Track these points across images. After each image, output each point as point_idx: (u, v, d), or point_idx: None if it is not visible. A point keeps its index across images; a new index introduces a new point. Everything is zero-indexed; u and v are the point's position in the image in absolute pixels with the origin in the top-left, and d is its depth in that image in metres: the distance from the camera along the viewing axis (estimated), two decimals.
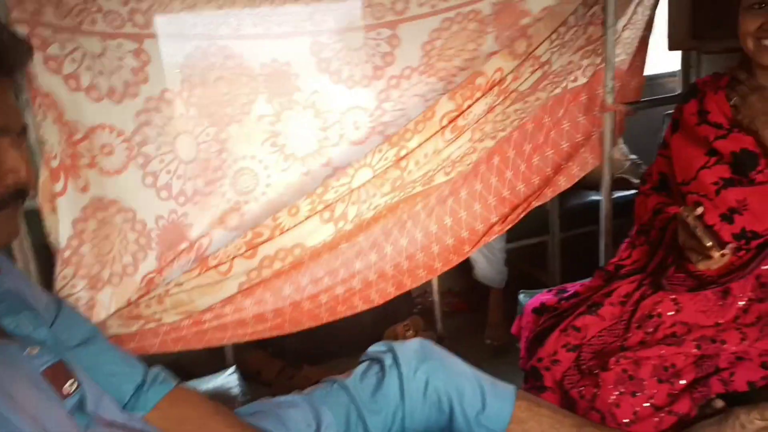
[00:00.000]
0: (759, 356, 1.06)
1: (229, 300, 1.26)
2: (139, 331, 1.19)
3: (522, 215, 1.74)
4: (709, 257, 1.01)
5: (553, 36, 1.57)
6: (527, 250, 2.19)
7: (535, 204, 1.74)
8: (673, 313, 1.11)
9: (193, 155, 1.21)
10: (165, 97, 1.16)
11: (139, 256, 1.18)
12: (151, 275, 1.19)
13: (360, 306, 1.46)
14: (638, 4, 1.63)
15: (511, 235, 1.98)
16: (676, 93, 1.94)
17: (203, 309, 1.23)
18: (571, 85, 1.66)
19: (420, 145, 1.42)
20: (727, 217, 1.11)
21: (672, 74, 2.32)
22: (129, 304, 1.17)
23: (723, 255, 1.02)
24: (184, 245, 1.21)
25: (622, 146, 2.08)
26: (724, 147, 1.12)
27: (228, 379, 1.32)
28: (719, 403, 1.03)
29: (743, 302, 1.10)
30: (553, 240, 2.14)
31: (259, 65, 1.26)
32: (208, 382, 1.32)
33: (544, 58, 1.58)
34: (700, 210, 1.05)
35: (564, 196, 1.91)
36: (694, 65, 1.69)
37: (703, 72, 1.65)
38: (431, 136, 1.43)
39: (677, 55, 1.85)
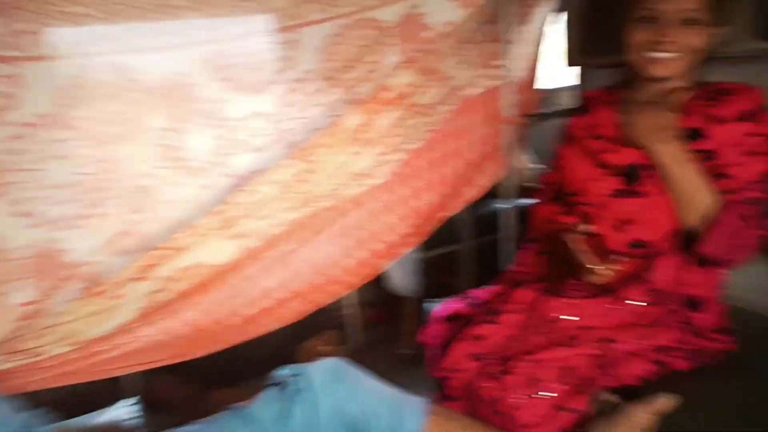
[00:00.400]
0: (650, 352, 1.12)
1: (125, 327, 1.18)
2: (19, 367, 1.09)
3: (435, 226, 1.78)
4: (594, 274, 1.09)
5: (458, 52, 1.62)
6: (443, 258, 2.23)
7: (447, 214, 1.79)
8: (571, 317, 1.15)
9: (71, 179, 1.13)
10: (39, 122, 1.09)
11: (8, 287, 1.09)
12: (30, 306, 1.10)
13: (273, 325, 1.43)
14: (532, 22, 1.71)
15: (424, 244, 2.01)
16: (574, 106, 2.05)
17: (96, 338, 1.15)
18: (475, 97, 1.71)
19: (327, 158, 1.42)
20: (619, 228, 1.15)
21: (575, 87, 2.45)
22: (6, 338, 1.08)
23: (610, 269, 1.09)
24: (65, 272, 1.13)
25: (526, 156, 2.17)
26: (614, 160, 1.17)
27: (128, 410, 1.25)
28: (614, 399, 1.08)
29: (638, 306, 1.15)
30: (465, 248, 2.20)
31: (155, 79, 1.21)
32: (105, 414, 1.24)
33: (449, 74, 1.62)
34: (587, 228, 1.10)
35: (476, 203, 1.96)
36: (591, 79, 1.78)
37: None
38: (339, 150, 1.43)
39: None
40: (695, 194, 1.05)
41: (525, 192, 1.98)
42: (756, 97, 1.08)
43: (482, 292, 1.38)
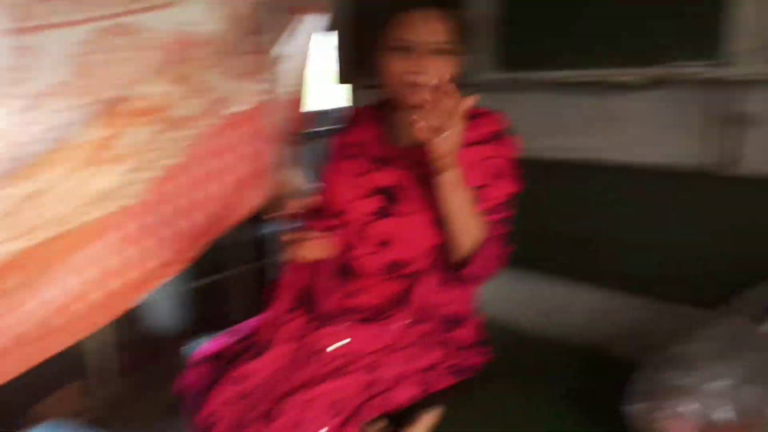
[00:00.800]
0: (417, 374, 1.13)
1: None
2: None
3: (201, 251, 1.64)
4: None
5: (220, 63, 1.51)
6: (212, 288, 2.07)
7: (214, 237, 1.65)
8: (340, 344, 1.11)
9: None
10: None
11: None
12: None
13: None
14: (299, 37, 1.69)
15: (192, 273, 1.84)
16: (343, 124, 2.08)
17: None
18: (240, 112, 1.62)
19: (60, 179, 1.20)
20: (380, 248, 1.16)
21: (348, 107, 2.50)
22: None
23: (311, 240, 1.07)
24: None
25: (300, 175, 2.14)
26: (376, 180, 1.17)
27: None
28: (384, 425, 1.07)
29: (404, 325, 1.16)
30: (236, 275, 2.07)
31: None
32: None
33: (210, 84, 1.50)
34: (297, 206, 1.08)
35: (246, 227, 1.86)
36: (360, 99, 1.81)
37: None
38: (76, 169, 1.22)
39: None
40: (470, 219, 1.07)
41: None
42: (498, 120, 1.17)
43: (249, 325, 1.28)
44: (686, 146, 1.22)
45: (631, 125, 1.29)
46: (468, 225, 1.07)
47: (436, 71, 1.09)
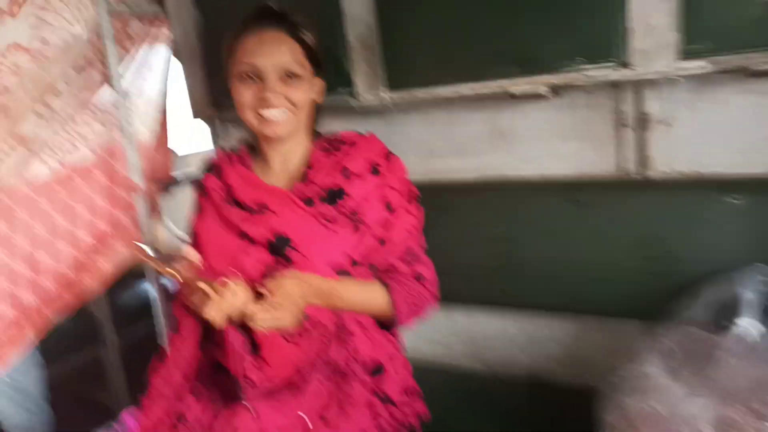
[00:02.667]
0: None
1: None
2: None
3: (39, 338, 1.28)
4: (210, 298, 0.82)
5: (38, 106, 1.18)
6: (78, 368, 1.67)
7: (58, 318, 1.30)
8: (251, 422, 0.87)
9: None
10: None
11: None
12: None
13: None
14: (148, 74, 1.38)
15: (51, 354, 1.46)
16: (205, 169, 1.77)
17: None
18: (75, 161, 1.27)
19: None
20: None
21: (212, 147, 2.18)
22: None
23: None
24: None
25: (168, 224, 1.79)
26: (255, 233, 0.93)
27: None
28: None
29: (317, 386, 0.93)
30: (109, 349, 1.68)
31: None
32: None
33: (27, 133, 1.17)
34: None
35: (113, 289, 1.51)
36: (222, 134, 1.53)
37: (232, 140, 1.51)
38: None
39: None
40: (371, 299, 0.95)
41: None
42: (379, 146, 0.99)
43: (140, 415, 0.96)
44: (589, 154, 1.09)
45: (530, 138, 1.14)
46: (371, 303, 0.96)
47: (287, 97, 0.92)
